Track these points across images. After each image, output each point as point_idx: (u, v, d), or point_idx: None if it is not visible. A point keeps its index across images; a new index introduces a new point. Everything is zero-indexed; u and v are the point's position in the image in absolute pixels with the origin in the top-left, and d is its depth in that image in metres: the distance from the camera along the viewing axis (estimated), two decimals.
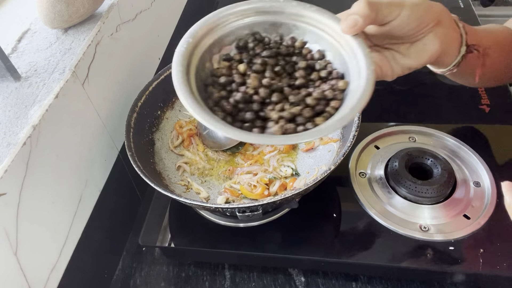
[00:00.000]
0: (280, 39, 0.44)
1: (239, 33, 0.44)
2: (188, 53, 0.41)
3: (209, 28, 0.43)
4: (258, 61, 0.42)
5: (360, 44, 0.40)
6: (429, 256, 0.56)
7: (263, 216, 0.61)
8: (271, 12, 0.44)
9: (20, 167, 0.47)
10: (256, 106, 0.40)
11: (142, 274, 0.65)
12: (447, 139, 0.69)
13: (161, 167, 0.67)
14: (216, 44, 0.44)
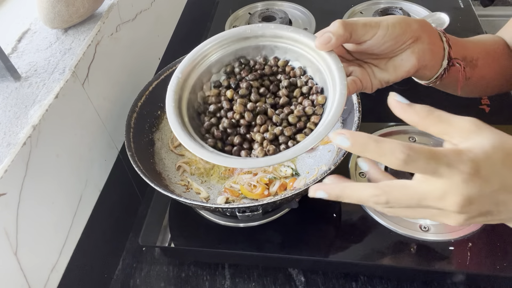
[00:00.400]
0: (264, 60, 0.48)
1: (225, 60, 0.48)
2: (179, 88, 0.46)
3: (197, 62, 0.47)
4: (244, 85, 0.47)
5: (334, 59, 0.43)
6: (429, 256, 0.56)
7: (263, 216, 0.61)
8: (252, 36, 0.47)
9: (20, 167, 0.47)
10: (242, 130, 0.45)
11: (142, 274, 0.65)
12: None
13: (161, 167, 0.67)
14: (205, 73, 0.48)
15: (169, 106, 0.44)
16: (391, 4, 0.98)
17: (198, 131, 0.45)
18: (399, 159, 0.31)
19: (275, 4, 1.05)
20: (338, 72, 0.42)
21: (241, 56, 0.49)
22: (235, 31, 0.47)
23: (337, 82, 0.42)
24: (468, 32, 0.49)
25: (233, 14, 1.04)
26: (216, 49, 0.48)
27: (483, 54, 0.53)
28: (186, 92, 0.46)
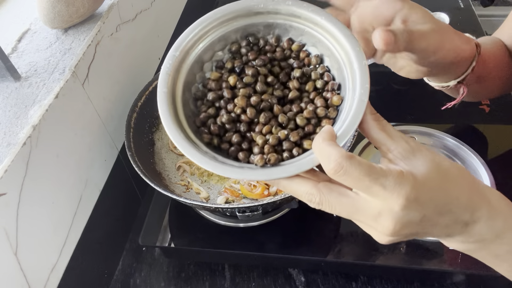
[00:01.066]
0: (276, 41, 0.41)
1: (231, 37, 0.41)
2: (174, 69, 0.39)
3: (197, 38, 0.40)
4: (250, 72, 0.39)
5: (358, 54, 0.36)
6: (429, 256, 0.56)
7: (263, 216, 0.61)
8: (265, 12, 0.40)
9: (20, 167, 0.47)
10: (243, 127, 0.38)
11: (142, 274, 0.65)
12: (447, 139, 0.69)
13: (161, 167, 0.67)
14: (207, 50, 0.41)
15: (160, 92, 0.37)
16: None
17: (192, 122, 0.38)
18: (329, 167, 0.30)
19: None
20: (360, 71, 0.35)
21: (249, 33, 0.41)
22: (245, 4, 0.40)
23: (357, 83, 0.35)
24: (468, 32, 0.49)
25: None
26: (221, 23, 0.41)
27: (494, 67, 0.53)
28: (183, 73, 0.39)
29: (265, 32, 0.41)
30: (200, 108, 0.39)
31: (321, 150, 0.31)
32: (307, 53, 0.41)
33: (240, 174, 0.35)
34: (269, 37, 0.41)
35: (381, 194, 0.30)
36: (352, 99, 0.35)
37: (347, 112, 0.35)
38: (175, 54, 0.39)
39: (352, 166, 0.30)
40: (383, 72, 0.51)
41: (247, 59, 0.41)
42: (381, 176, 0.30)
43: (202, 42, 0.41)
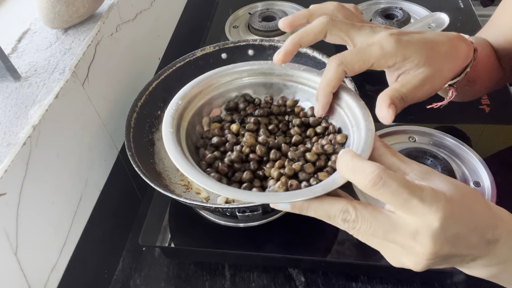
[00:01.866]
0: (270, 99, 0.45)
1: (228, 95, 0.45)
2: (178, 115, 0.41)
3: (199, 91, 0.43)
4: (251, 120, 0.42)
5: (354, 97, 0.39)
6: None
7: (263, 216, 0.61)
8: (261, 73, 0.44)
9: (20, 167, 0.47)
10: (253, 165, 0.39)
11: (142, 274, 0.65)
12: (447, 139, 0.69)
13: (161, 167, 0.67)
14: (205, 106, 0.44)
15: (166, 131, 0.38)
16: (391, 4, 0.98)
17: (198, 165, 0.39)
18: (367, 180, 0.29)
19: (275, 4, 1.05)
20: (360, 110, 0.38)
21: (245, 93, 0.45)
22: (244, 65, 0.44)
23: (360, 118, 0.38)
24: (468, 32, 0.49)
25: (233, 14, 1.04)
26: (221, 81, 0.44)
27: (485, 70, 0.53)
28: (185, 122, 0.41)
29: (260, 92, 0.45)
30: (203, 153, 0.40)
31: (354, 166, 0.30)
32: (301, 108, 0.44)
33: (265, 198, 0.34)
34: (263, 97, 0.45)
35: (419, 209, 0.28)
36: (358, 133, 0.37)
37: (357, 145, 0.36)
38: (179, 102, 0.41)
39: (390, 178, 0.28)
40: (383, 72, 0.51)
41: (246, 113, 0.44)
42: (418, 189, 0.29)
43: (202, 96, 0.44)
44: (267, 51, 0.74)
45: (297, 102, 0.44)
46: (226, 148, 0.40)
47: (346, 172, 0.31)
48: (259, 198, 0.34)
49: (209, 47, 0.73)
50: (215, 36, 1.00)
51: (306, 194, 0.32)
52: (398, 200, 0.29)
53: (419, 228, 0.29)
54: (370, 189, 0.29)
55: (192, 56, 0.72)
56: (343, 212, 0.31)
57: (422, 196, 0.28)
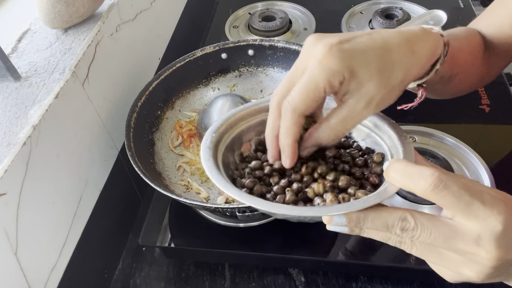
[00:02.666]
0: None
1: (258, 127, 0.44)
2: (213, 146, 0.40)
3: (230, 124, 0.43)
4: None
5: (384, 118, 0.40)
6: None
7: (263, 216, 0.61)
8: None
9: (20, 167, 0.47)
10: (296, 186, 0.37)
11: (142, 274, 0.65)
12: (447, 139, 0.69)
13: (161, 167, 0.67)
14: (236, 140, 0.43)
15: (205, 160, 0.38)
16: (391, 4, 0.98)
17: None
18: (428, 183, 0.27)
19: (275, 4, 1.05)
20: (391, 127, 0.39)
21: None
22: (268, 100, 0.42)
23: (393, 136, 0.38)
24: None
25: (233, 14, 1.04)
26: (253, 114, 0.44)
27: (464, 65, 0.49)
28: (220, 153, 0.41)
29: None
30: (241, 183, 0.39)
31: (411, 172, 0.28)
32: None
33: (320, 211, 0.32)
34: None
35: (481, 212, 0.27)
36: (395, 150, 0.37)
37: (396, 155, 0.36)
38: (213, 134, 0.41)
39: (450, 180, 0.27)
40: None
41: None
42: (478, 191, 0.28)
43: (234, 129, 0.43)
44: (267, 51, 0.74)
45: None
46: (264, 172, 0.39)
47: (402, 179, 0.29)
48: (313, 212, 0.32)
49: (209, 47, 0.73)
50: (215, 36, 1.00)
51: (362, 204, 0.31)
52: (460, 203, 0.27)
53: (482, 232, 0.28)
54: (431, 193, 0.28)
55: (192, 56, 0.72)
56: (401, 220, 0.29)
57: (483, 199, 0.27)
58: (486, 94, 0.77)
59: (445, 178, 0.27)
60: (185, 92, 0.75)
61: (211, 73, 0.76)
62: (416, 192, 0.28)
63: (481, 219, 0.27)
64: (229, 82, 0.77)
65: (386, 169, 0.31)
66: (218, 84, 0.77)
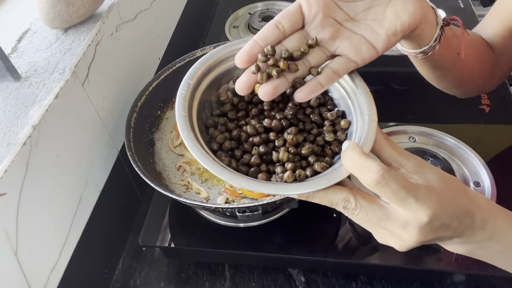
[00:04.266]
0: None
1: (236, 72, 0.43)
2: (189, 96, 0.41)
3: (207, 68, 0.43)
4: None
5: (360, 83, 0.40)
6: (429, 256, 0.56)
7: (263, 216, 0.61)
8: None
9: (20, 167, 0.47)
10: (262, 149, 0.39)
11: (142, 274, 0.65)
12: (447, 139, 0.69)
13: (161, 167, 0.67)
14: (214, 83, 0.43)
15: (179, 115, 0.38)
16: None
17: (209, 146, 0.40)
18: (371, 178, 0.32)
19: (275, 4, 1.05)
20: (365, 98, 0.39)
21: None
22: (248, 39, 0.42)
23: (364, 107, 0.39)
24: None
25: (233, 14, 1.04)
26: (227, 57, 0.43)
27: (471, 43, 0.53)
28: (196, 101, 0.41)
29: None
30: (213, 134, 0.41)
31: (361, 164, 0.32)
32: None
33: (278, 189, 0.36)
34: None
35: (413, 205, 0.32)
36: (361, 121, 0.38)
37: (360, 134, 0.38)
38: (190, 82, 0.41)
39: (392, 178, 0.32)
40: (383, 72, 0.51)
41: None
42: (414, 189, 0.32)
43: (211, 73, 0.43)
44: None
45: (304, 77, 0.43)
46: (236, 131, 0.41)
47: (353, 168, 0.33)
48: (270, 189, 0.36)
49: (209, 47, 0.73)
50: (215, 36, 1.00)
51: (313, 186, 0.35)
52: (396, 198, 0.32)
53: (409, 220, 0.33)
54: (373, 187, 0.32)
55: (192, 56, 0.72)
56: (344, 201, 0.34)
57: (417, 194, 0.32)
58: (486, 94, 0.77)
59: (388, 176, 0.31)
60: None
61: None
62: (362, 182, 0.33)
63: (412, 211, 0.32)
64: None
65: (343, 152, 0.34)
66: None
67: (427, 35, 0.44)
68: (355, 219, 0.35)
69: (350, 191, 0.34)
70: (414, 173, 0.34)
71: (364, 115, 0.39)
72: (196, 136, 0.38)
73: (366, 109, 0.39)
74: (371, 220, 0.34)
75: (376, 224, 0.35)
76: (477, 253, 0.38)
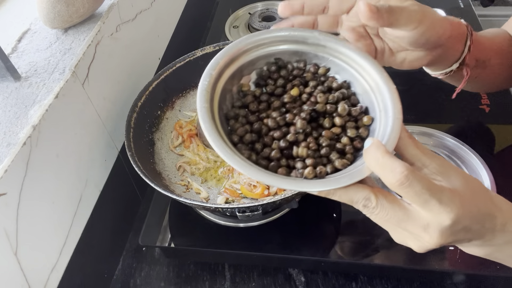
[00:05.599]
0: (303, 65, 0.43)
1: (258, 63, 0.43)
2: (211, 87, 0.40)
3: (229, 59, 0.42)
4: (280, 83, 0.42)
5: (386, 79, 0.39)
6: (429, 256, 0.56)
7: (263, 216, 0.61)
8: (292, 41, 0.43)
9: (20, 167, 0.47)
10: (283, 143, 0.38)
11: (142, 274, 0.65)
12: (447, 139, 0.69)
13: (161, 167, 0.67)
14: (236, 75, 0.42)
15: (201, 107, 0.37)
16: None
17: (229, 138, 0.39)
18: (395, 179, 0.31)
19: (275, 4, 1.05)
20: (389, 94, 0.38)
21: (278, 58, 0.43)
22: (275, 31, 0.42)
23: (388, 104, 0.38)
24: None
25: (233, 14, 1.04)
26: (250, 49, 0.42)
27: (494, 53, 0.53)
28: (217, 93, 0.40)
29: (292, 59, 0.43)
30: (234, 126, 0.40)
31: (384, 164, 0.32)
32: (334, 77, 0.42)
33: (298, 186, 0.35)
34: (295, 64, 0.43)
35: (436, 208, 0.32)
36: (385, 119, 0.37)
37: (383, 131, 0.37)
38: (212, 72, 0.40)
39: (416, 180, 0.31)
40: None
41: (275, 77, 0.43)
42: (438, 191, 0.32)
43: (234, 64, 0.42)
44: None
45: (328, 70, 0.43)
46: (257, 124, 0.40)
47: (375, 167, 0.33)
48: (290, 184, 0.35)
49: (209, 47, 0.73)
50: (215, 36, 1.00)
51: (334, 184, 0.34)
52: (420, 200, 0.32)
53: (431, 222, 0.32)
54: (396, 187, 0.31)
55: (192, 56, 0.72)
56: (365, 199, 0.34)
57: (441, 197, 0.32)
58: (486, 94, 0.77)
59: (412, 177, 0.31)
60: (185, 92, 0.75)
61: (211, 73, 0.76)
62: (384, 182, 0.32)
63: (434, 213, 0.32)
64: None
65: (365, 150, 0.34)
66: None
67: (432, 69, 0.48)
68: (374, 218, 0.35)
69: (372, 189, 0.34)
70: (438, 174, 0.34)
71: (388, 112, 0.37)
72: (217, 128, 0.37)
73: (391, 106, 0.38)
74: (391, 220, 0.34)
75: (395, 224, 0.34)
76: (494, 255, 0.37)
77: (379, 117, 0.38)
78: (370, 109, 0.40)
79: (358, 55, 0.41)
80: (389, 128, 0.36)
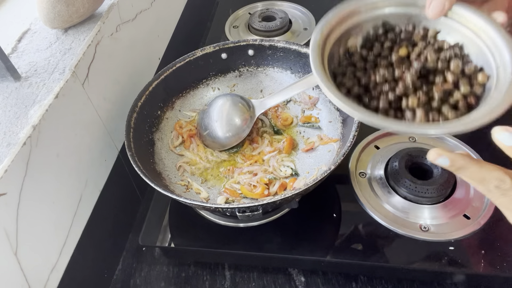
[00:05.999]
0: (412, 28, 0.42)
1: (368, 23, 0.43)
2: (323, 41, 0.40)
3: (340, 19, 0.42)
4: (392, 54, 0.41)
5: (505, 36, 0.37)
6: (429, 256, 0.56)
7: (263, 216, 0.61)
8: (402, 4, 0.42)
9: (20, 167, 0.47)
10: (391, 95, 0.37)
11: (142, 274, 0.65)
12: (447, 139, 0.69)
13: (161, 167, 0.67)
14: (344, 36, 0.43)
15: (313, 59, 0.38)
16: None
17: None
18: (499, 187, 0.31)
19: (275, 4, 1.05)
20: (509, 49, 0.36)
21: (385, 22, 0.43)
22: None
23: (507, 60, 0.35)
24: None
25: (233, 14, 1.04)
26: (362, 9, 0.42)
27: None
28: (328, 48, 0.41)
29: (401, 22, 0.43)
30: (341, 80, 0.40)
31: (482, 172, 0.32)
32: (443, 40, 0.41)
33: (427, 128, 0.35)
34: (403, 26, 0.42)
35: None
36: (504, 75, 0.35)
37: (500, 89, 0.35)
38: (323, 28, 0.41)
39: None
40: None
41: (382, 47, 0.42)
42: None
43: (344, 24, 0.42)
44: (267, 51, 0.74)
45: (438, 32, 0.42)
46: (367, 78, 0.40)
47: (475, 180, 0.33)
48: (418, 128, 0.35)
49: (209, 47, 0.73)
50: (215, 36, 1.00)
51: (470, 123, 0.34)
52: None
53: None
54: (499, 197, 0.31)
55: (192, 56, 0.72)
56: (499, 180, 0.33)
57: None
58: None
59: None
60: (185, 92, 0.75)
61: (211, 73, 0.76)
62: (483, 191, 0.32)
63: None
64: (229, 82, 0.77)
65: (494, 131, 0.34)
66: (218, 84, 0.77)
67: None
68: (502, 201, 0.33)
69: (506, 171, 0.33)
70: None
71: (507, 68, 0.35)
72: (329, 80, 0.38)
73: (510, 62, 0.35)
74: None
75: None
76: None
77: (496, 75, 0.36)
78: (486, 69, 0.38)
79: (472, 12, 0.39)
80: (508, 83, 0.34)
